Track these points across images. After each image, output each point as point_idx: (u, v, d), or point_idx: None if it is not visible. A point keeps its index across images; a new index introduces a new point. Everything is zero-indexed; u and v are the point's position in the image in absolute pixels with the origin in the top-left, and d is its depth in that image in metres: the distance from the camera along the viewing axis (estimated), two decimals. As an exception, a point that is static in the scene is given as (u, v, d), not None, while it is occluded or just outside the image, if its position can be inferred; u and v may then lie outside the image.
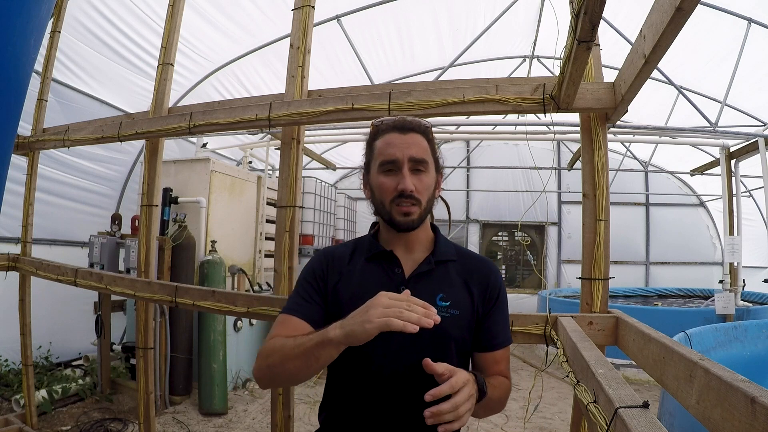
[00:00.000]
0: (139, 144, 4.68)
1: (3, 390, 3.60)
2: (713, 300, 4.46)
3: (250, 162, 5.85)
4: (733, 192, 4.40)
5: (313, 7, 1.86)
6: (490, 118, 4.68)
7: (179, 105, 3.47)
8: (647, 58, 0.96)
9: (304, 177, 3.80)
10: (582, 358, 0.90)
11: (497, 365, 1.08)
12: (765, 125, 4.83)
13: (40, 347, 4.11)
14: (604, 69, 1.55)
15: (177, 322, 3.72)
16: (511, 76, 5.78)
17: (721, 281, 4.39)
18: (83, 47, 3.92)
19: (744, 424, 0.56)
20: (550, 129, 5.30)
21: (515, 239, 8.74)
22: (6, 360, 3.92)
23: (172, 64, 2.22)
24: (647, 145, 6.18)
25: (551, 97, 1.40)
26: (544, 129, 5.78)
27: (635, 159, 6.96)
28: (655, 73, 3.02)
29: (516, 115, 5.11)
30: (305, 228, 5.86)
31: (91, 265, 3.78)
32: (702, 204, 7.92)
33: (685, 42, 4.09)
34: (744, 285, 4.42)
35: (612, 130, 4.54)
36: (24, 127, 2.78)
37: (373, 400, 1.02)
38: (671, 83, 4.01)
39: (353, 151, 7.99)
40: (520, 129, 6.04)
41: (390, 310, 0.81)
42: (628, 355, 1.23)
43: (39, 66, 2.71)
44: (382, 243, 1.12)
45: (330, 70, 4.97)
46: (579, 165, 1.65)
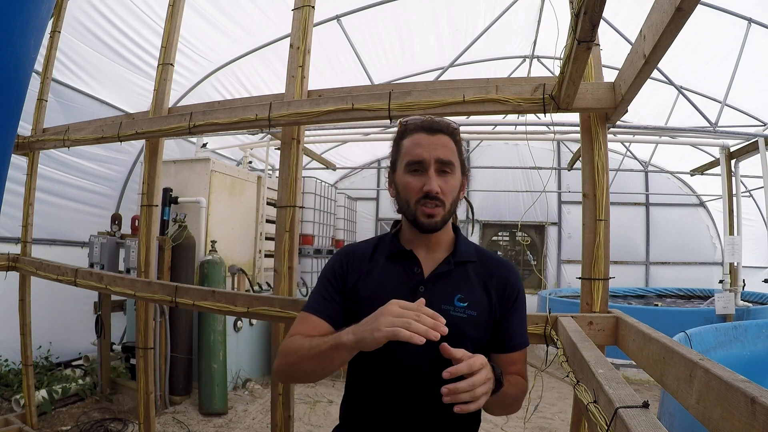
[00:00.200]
0: (139, 144, 4.68)
1: (3, 390, 3.60)
2: (713, 300, 4.45)
3: (250, 162, 5.85)
4: (733, 192, 4.39)
5: (313, 7, 1.86)
6: (490, 118, 4.68)
7: (179, 105, 3.47)
8: (647, 58, 0.96)
9: (304, 177, 3.80)
10: (582, 358, 0.90)
11: (514, 366, 1.08)
12: (765, 125, 4.83)
13: (40, 347, 4.11)
14: (604, 69, 1.55)
15: (177, 322, 3.72)
16: (511, 76, 5.78)
17: (721, 281, 4.39)
18: (83, 47, 3.92)
19: (744, 424, 0.56)
20: (550, 129, 5.30)
21: (515, 239, 8.74)
22: (6, 360, 3.92)
23: (172, 64, 2.22)
24: (647, 145, 6.18)
25: (551, 97, 1.40)
26: (544, 129, 5.78)
27: (635, 159, 6.96)
28: (655, 73, 3.02)
29: (516, 115, 5.11)
30: (305, 228, 5.86)
31: (91, 265, 3.78)
32: (702, 204, 7.92)
33: (685, 42, 4.09)
34: (744, 285, 4.41)
35: (612, 130, 4.54)
36: (24, 127, 2.78)
37: (392, 395, 1.04)
38: (671, 83, 4.01)
39: (353, 151, 8.00)
40: (520, 129, 6.04)
41: (399, 320, 0.82)
42: (628, 355, 1.23)
43: (39, 66, 2.71)
44: (403, 242, 1.13)
45: (330, 70, 4.97)
46: (579, 165, 1.65)
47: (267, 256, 4.99)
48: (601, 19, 0.90)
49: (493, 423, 3.48)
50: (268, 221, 5.01)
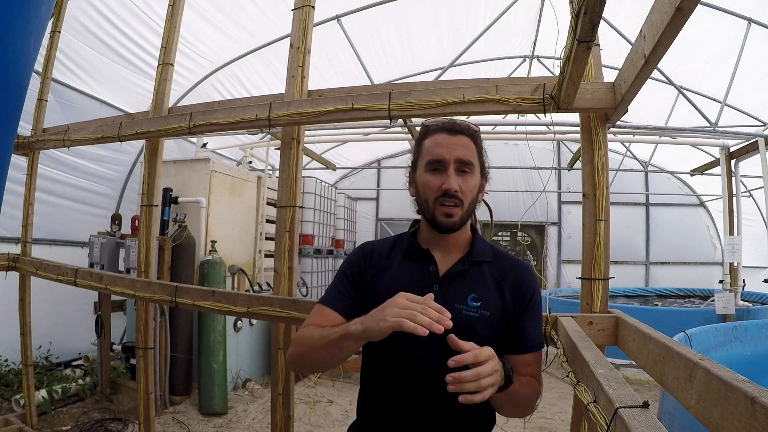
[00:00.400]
0: (139, 144, 4.68)
1: (3, 390, 3.60)
2: (713, 300, 4.45)
3: (250, 162, 5.85)
4: (733, 192, 4.39)
5: (313, 7, 1.86)
6: (490, 118, 4.68)
7: (179, 105, 3.47)
8: (647, 58, 0.96)
9: (304, 177, 3.80)
10: (582, 358, 0.90)
11: (527, 367, 1.07)
12: (765, 125, 4.83)
13: (40, 347, 4.11)
14: (604, 69, 1.55)
15: (177, 322, 3.72)
16: (511, 76, 5.78)
17: (721, 281, 4.39)
18: (83, 47, 3.92)
19: (744, 424, 0.56)
20: (550, 129, 5.30)
21: (515, 239, 8.74)
22: (6, 360, 3.92)
23: (172, 64, 2.22)
24: (647, 145, 6.18)
25: (551, 97, 1.40)
26: (544, 129, 5.78)
27: (635, 159, 6.95)
28: (655, 73, 3.02)
29: (516, 115, 5.11)
30: (305, 228, 5.86)
31: (91, 265, 3.78)
32: (702, 204, 7.91)
33: (685, 42, 4.09)
34: (744, 285, 4.41)
35: (612, 130, 4.54)
36: (24, 127, 2.78)
37: (405, 391, 1.05)
38: (671, 83, 4.01)
39: (353, 151, 7.99)
40: (520, 129, 6.04)
41: (404, 311, 0.83)
42: (628, 355, 1.23)
43: (39, 66, 2.71)
44: (420, 241, 1.15)
45: (330, 70, 4.97)
46: (579, 165, 1.65)
47: (267, 256, 4.99)
48: (601, 19, 0.90)
49: (493, 423, 3.48)
50: (268, 221, 5.01)
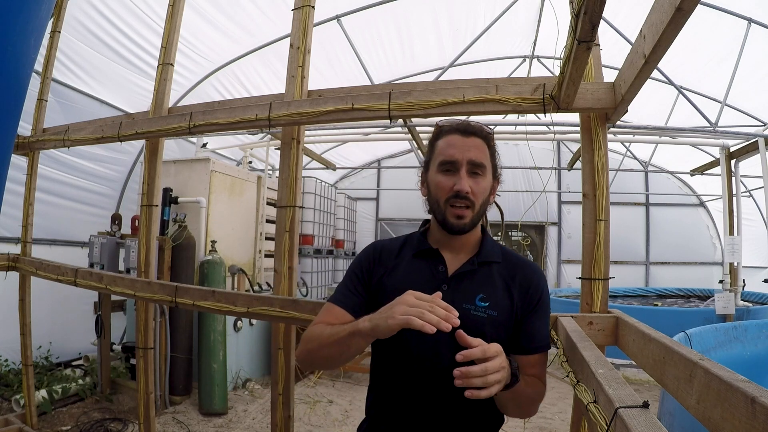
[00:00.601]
0: (139, 144, 4.68)
1: (3, 390, 3.60)
2: (713, 300, 4.45)
3: (250, 162, 5.85)
4: (733, 192, 4.39)
5: (313, 7, 1.86)
6: (490, 118, 4.67)
7: (179, 105, 3.47)
8: (647, 58, 0.96)
9: (304, 177, 3.80)
10: (582, 358, 0.90)
11: (532, 368, 1.07)
12: (765, 125, 4.83)
13: (40, 347, 4.11)
14: (604, 69, 1.55)
15: (177, 322, 3.72)
16: (511, 76, 5.78)
17: (721, 281, 4.39)
18: (83, 47, 3.92)
19: (744, 424, 0.56)
20: (550, 129, 5.30)
21: (515, 239, 8.73)
22: (6, 360, 3.92)
23: (172, 64, 2.22)
24: (647, 145, 6.17)
25: (551, 97, 1.40)
26: (544, 129, 5.77)
27: (635, 159, 6.95)
28: (655, 73, 3.02)
29: (516, 115, 5.12)
30: (305, 228, 5.85)
31: (91, 265, 3.78)
32: (702, 204, 7.91)
33: (685, 42, 4.09)
34: (744, 285, 4.41)
35: (612, 130, 4.54)
36: (24, 127, 2.78)
37: (413, 389, 1.05)
38: (671, 83, 4.00)
39: (353, 151, 7.99)
40: (520, 129, 6.03)
41: (413, 309, 0.84)
42: (628, 355, 1.23)
43: (39, 66, 2.71)
44: (430, 241, 1.15)
45: (330, 70, 4.97)
46: (579, 165, 1.65)
47: (267, 256, 4.99)
48: (601, 19, 0.90)
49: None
50: (268, 221, 5.01)
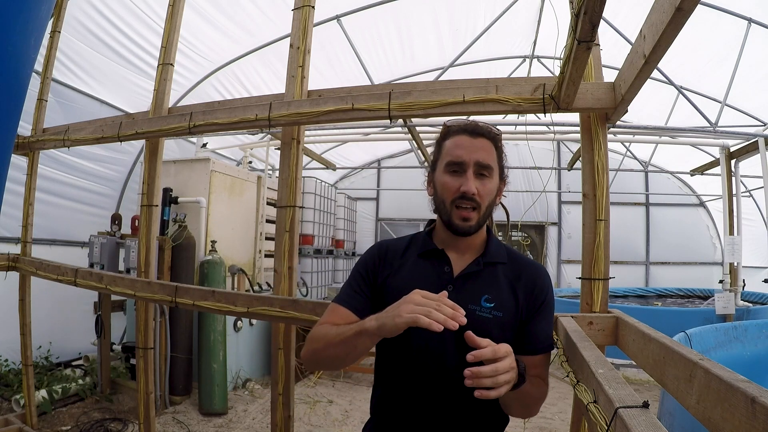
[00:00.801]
0: (139, 144, 4.68)
1: (3, 390, 3.60)
2: (713, 300, 4.45)
3: (250, 162, 5.85)
4: (733, 192, 4.39)
5: (313, 7, 1.86)
6: (490, 118, 4.67)
7: (179, 105, 3.47)
8: (647, 58, 0.96)
9: (304, 177, 3.80)
10: (582, 358, 0.90)
11: (536, 369, 1.07)
12: (765, 125, 4.82)
13: (40, 347, 4.11)
14: (604, 69, 1.55)
15: (177, 322, 3.72)
16: (511, 76, 5.78)
17: (721, 281, 4.39)
18: (83, 47, 3.92)
19: (744, 424, 0.56)
20: (550, 129, 5.30)
21: (516, 239, 8.73)
22: (6, 360, 3.92)
23: (172, 64, 2.22)
24: (647, 145, 6.17)
25: (551, 97, 1.40)
26: (544, 129, 5.77)
27: (635, 159, 6.95)
28: (655, 73, 3.02)
29: (516, 115, 5.11)
30: (305, 228, 5.85)
31: (91, 265, 3.78)
32: (702, 204, 7.91)
33: (685, 42, 4.09)
34: (744, 285, 4.41)
35: (612, 130, 4.54)
36: (24, 127, 2.78)
37: (419, 390, 1.05)
38: (671, 83, 4.00)
39: (353, 151, 7.99)
40: (520, 129, 6.03)
41: (419, 308, 0.84)
42: (628, 355, 1.22)
43: (39, 66, 2.71)
44: (436, 241, 1.15)
45: (330, 70, 4.97)
46: (579, 165, 1.65)
47: (267, 256, 4.99)
48: (601, 19, 0.90)
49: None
50: (268, 221, 5.01)
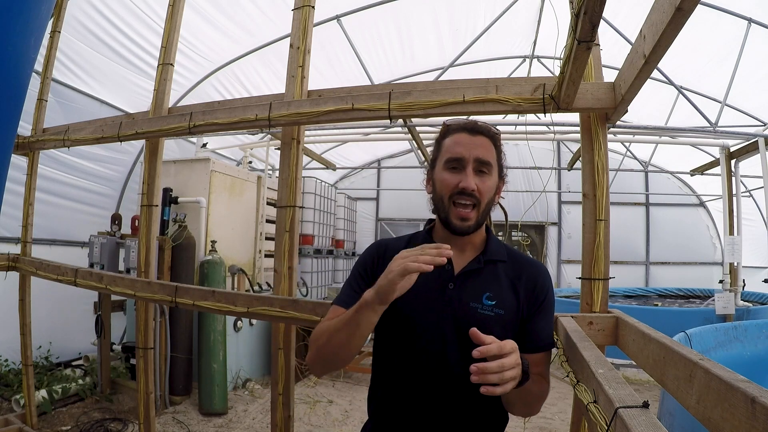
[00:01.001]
0: (139, 144, 4.68)
1: (3, 390, 3.60)
2: (713, 300, 4.45)
3: (250, 162, 5.85)
4: (733, 192, 4.39)
5: (313, 7, 1.86)
6: (490, 118, 4.67)
7: (179, 105, 3.47)
8: (647, 58, 0.96)
9: (304, 177, 3.80)
10: (582, 358, 0.90)
11: (536, 367, 1.07)
12: (765, 125, 4.82)
13: (40, 347, 4.11)
14: (604, 69, 1.55)
15: (177, 322, 3.72)
16: (511, 76, 5.78)
17: (721, 281, 4.39)
18: (83, 47, 3.92)
19: (744, 424, 0.56)
20: (550, 129, 5.30)
21: (516, 239, 8.73)
22: (6, 360, 3.92)
23: (172, 64, 2.22)
24: (647, 145, 6.17)
25: (551, 97, 1.40)
26: (544, 129, 5.77)
27: (635, 159, 6.95)
28: (655, 73, 3.02)
29: (516, 115, 5.11)
30: (305, 228, 5.85)
31: (91, 265, 3.78)
32: (702, 204, 7.91)
33: (685, 42, 4.09)
34: (744, 285, 4.41)
35: (612, 130, 4.54)
36: (24, 127, 2.78)
37: (420, 387, 1.05)
38: (671, 83, 4.00)
39: (353, 151, 7.99)
40: (520, 129, 6.03)
41: (405, 259, 0.88)
42: (628, 355, 1.22)
43: (39, 66, 2.71)
44: (436, 240, 1.15)
45: (330, 70, 4.97)
46: (579, 165, 1.65)
47: (267, 256, 4.99)
48: (601, 19, 0.90)
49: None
50: (268, 221, 5.01)
